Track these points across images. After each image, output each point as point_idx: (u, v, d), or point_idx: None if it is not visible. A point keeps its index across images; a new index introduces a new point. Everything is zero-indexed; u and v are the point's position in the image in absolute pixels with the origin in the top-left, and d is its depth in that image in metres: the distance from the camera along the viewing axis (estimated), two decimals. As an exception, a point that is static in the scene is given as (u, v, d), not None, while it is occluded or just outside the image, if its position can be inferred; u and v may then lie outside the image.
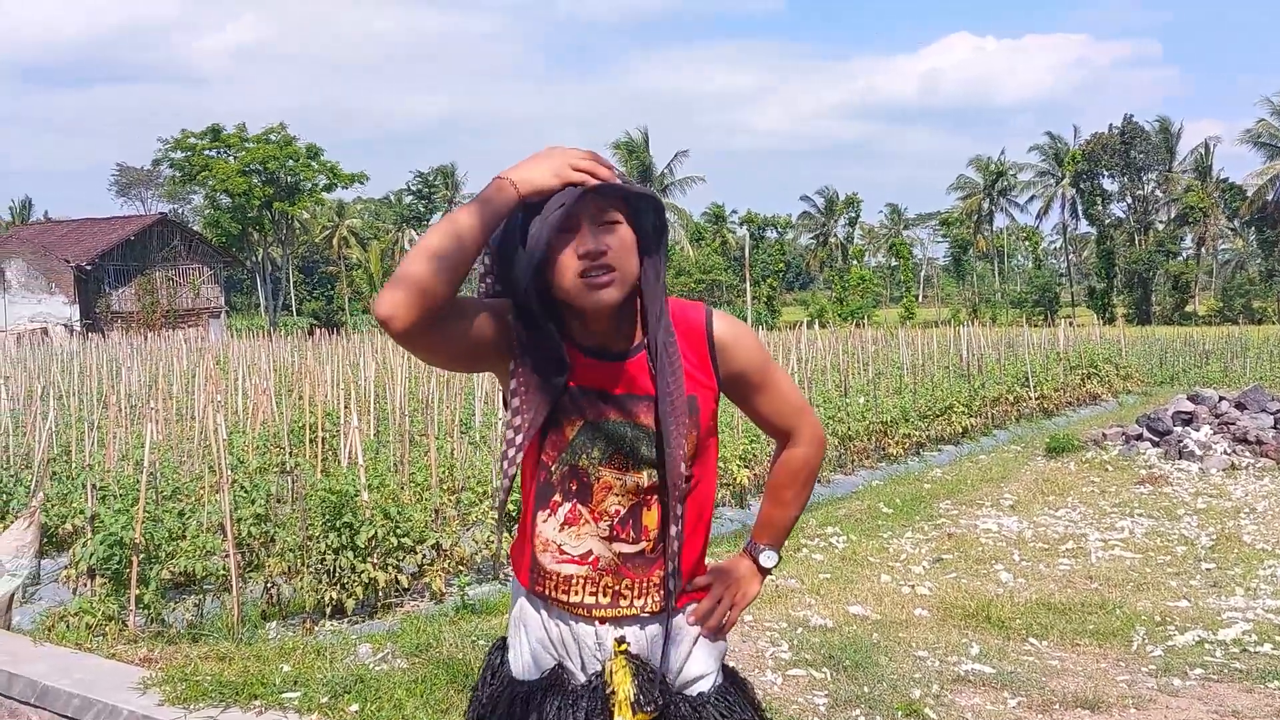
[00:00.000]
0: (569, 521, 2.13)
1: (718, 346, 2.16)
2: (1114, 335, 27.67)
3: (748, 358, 2.19)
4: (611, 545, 2.12)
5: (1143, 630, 5.97)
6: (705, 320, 2.16)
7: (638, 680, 2.12)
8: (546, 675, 2.20)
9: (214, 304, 54.45)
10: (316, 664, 5.20)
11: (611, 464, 2.11)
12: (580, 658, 2.18)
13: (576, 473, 2.12)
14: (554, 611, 2.18)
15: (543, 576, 2.16)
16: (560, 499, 2.13)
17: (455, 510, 7.65)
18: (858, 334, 23.50)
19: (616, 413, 2.10)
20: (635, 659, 2.15)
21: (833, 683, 5.08)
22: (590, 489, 2.12)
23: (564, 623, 2.17)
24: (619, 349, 2.11)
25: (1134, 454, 12.36)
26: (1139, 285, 68.43)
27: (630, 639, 2.15)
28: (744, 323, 2.26)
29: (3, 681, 4.97)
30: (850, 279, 72.99)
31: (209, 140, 58.66)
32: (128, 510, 6.31)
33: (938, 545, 8.25)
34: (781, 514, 2.36)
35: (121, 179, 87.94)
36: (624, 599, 2.14)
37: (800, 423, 2.31)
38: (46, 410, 9.96)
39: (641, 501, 2.12)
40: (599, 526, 2.12)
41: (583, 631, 2.16)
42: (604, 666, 2.15)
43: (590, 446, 2.10)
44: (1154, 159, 70.21)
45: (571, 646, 2.18)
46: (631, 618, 2.15)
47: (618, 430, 2.10)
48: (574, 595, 2.14)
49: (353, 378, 13.27)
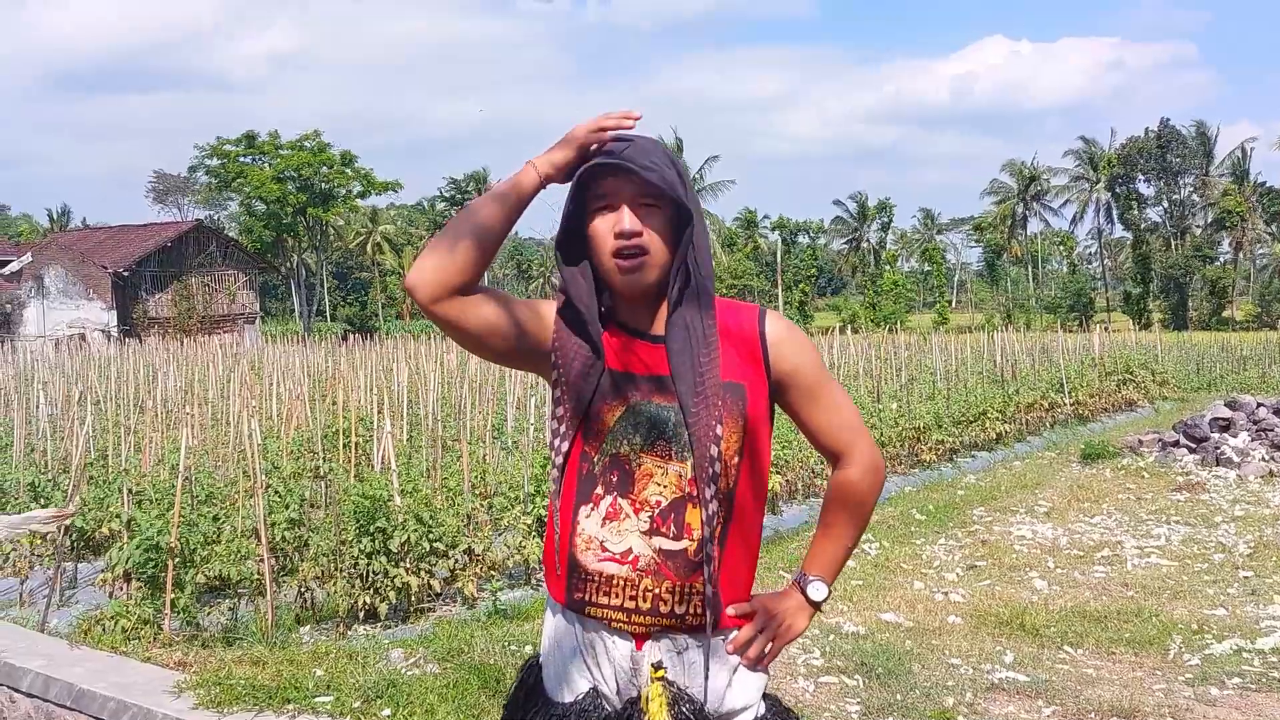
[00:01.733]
0: (610, 516, 2.05)
1: (769, 343, 2.09)
2: (1150, 341, 27.43)
3: (800, 359, 2.11)
4: (651, 540, 2.03)
5: (1179, 639, 5.90)
6: (758, 318, 2.12)
7: (674, 710, 2.05)
8: (581, 699, 2.12)
9: (249, 310, 54.86)
10: (349, 668, 5.22)
11: (654, 451, 2.05)
12: (615, 682, 2.10)
13: (618, 461, 2.06)
14: (589, 626, 2.10)
15: (583, 581, 2.06)
16: (602, 491, 2.06)
17: (487, 515, 7.67)
18: (890, 339, 23.40)
19: (659, 396, 2.05)
20: (672, 686, 2.07)
21: (865, 690, 5.05)
22: (631, 477, 2.05)
23: (600, 641, 2.09)
24: (658, 329, 2.08)
25: (1170, 461, 12.23)
26: (1175, 290, 67.76)
27: (667, 664, 2.08)
28: (799, 328, 2.19)
29: (40, 685, 5.02)
30: (883, 284, 72.75)
31: (244, 147, 59.17)
32: (164, 514, 6.36)
33: (971, 552, 8.19)
34: (831, 544, 2.21)
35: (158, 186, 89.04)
36: (664, 604, 2.03)
37: (854, 444, 2.16)
38: (84, 415, 10.06)
39: (685, 497, 2.04)
40: (639, 519, 2.04)
41: (619, 654, 2.08)
42: (640, 694, 2.07)
43: (632, 432, 2.06)
44: (1190, 162, 69.59)
45: (607, 669, 2.10)
46: (666, 630, 2.06)
47: (660, 414, 2.05)
48: (614, 597, 2.04)
49: (386, 383, 13.35)
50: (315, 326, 60.26)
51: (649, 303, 2.08)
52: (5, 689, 5.19)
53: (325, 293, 74.71)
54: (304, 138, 59.45)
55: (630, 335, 2.09)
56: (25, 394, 14.79)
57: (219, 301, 53.07)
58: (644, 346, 2.08)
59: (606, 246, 2.01)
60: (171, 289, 51.31)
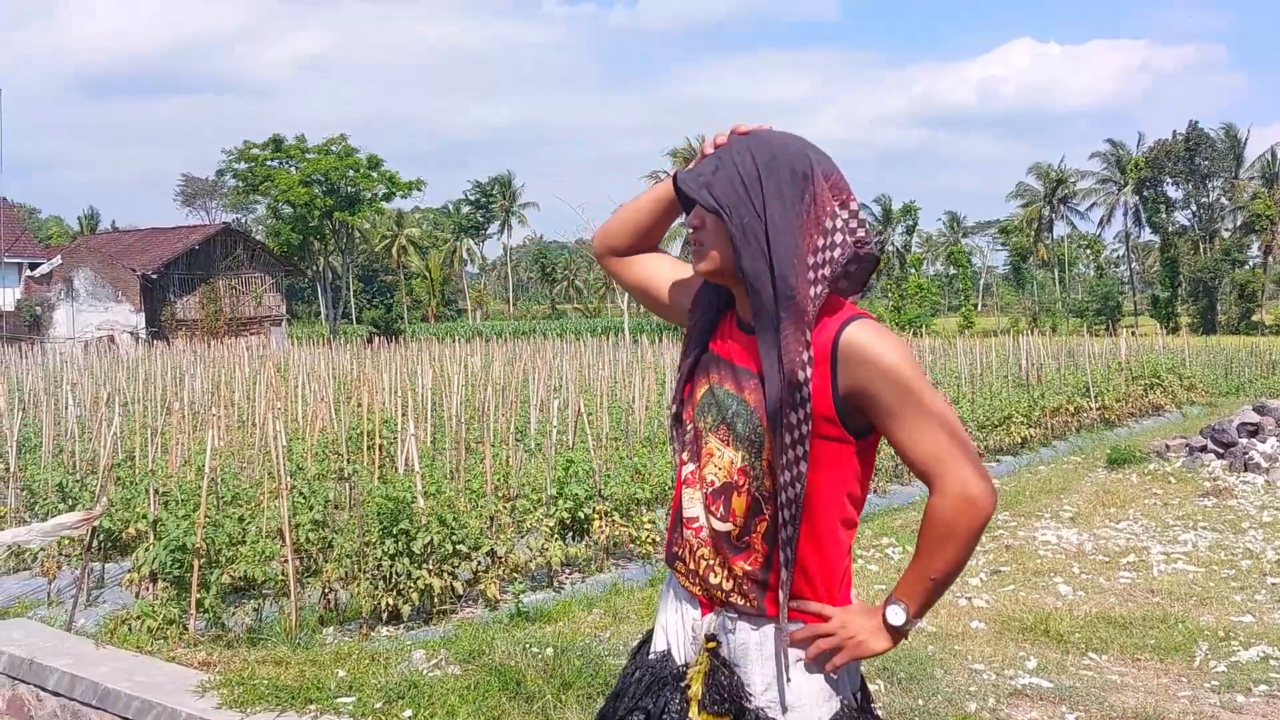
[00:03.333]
0: (688, 482, 2.23)
1: (840, 352, 2.02)
2: (1178, 345, 27.23)
3: (873, 371, 2.00)
4: (708, 515, 2.17)
5: (1205, 645, 5.86)
6: (839, 327, 2.03)
7: (709, 680, 2.15)
8: (656, 657, 2.29)
9: (275, 312, 55.13)
10: (371, 669, 5.24)
11: (717, 433, 2.16)
12: (681, 643, 2.25)
13: (698, 435, 2.21)
14: (676, 587, 2.28)
15: (679, 538, 2.24)
16: (688, 457, 2.25)
17: (510, 517, 7.69)
18: (915, 343, 23.31)
19: (731, 383, 2.15)
20: (718, 659, 2.15)
21: (887, 695, 5.03)
22: (700, 453, 2.20)
23: (680, 602, 2.26)
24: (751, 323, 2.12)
25: (1198, 466, 12.14)
26: (1204, 294, 67.20)
27: (721, 640, 2.17)
28: (893, 336, 2.07)
29: (66, 684, 5.07)
30: (908, 287, 72.47)
31: (271, 151, 59.47)
32: (189, 515, 6.40)
33: (995, 557, 8.16)
34: (917, 571, 2.11)
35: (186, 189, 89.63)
36: (714, 575, 2.16)
37: (942, 471, 2.03)
38: (112, 416, 10.14)
39: (733, 484, 2.11)
40: (700, 492, 2.19)
41: (689, 617, 2.23)
42: (689, 662, 2.22)
43: (707, 411, 2.19)
44: (1219, 165, 69.03)
45: (678, 632, 2.26)
46: (723, 605, 2.16)
47: (725, 399, 2.15)
48: (687, 561, 2.21)
49: (410, 386, 13.39)
50: (341, 329, 60.56)
51: (743, 295, 2.16)
52: (32, 687, 5.24)
53: (351, 295, 75.07)
54: (330, 142, 59.69)
55: (733, 322, 2.22)
56: (54, 395, 14.93)
57: (246, 304, 53.34)
58: (738, 334, 2.19)
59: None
60: (199, 291, 51.61)
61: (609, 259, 2.51)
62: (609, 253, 2.50)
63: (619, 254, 2.49)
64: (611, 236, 2.49)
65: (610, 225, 2.50)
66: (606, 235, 2.50)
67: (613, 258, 2.50)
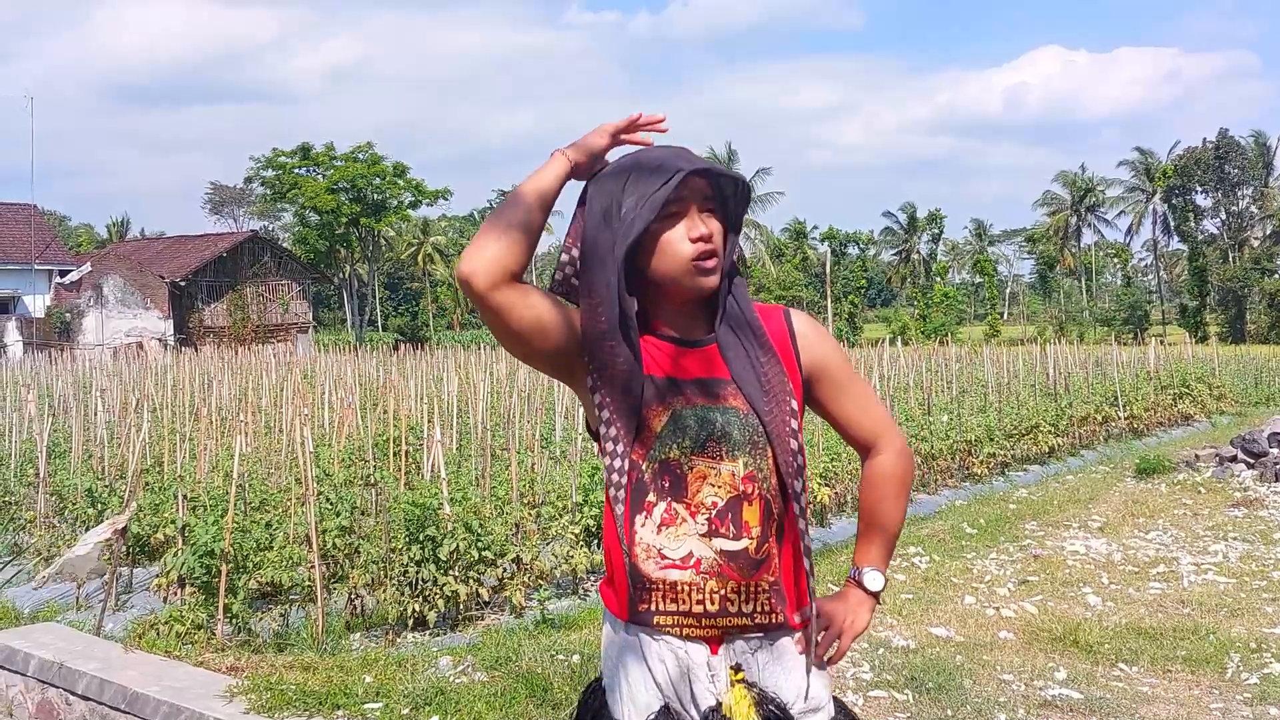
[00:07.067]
0: (665, 522, 2.03)
1: (798, 335, 2.15)
2: (1207, 354, 26.98)
3: (827, 349, 2.18)
4: (711, 542, 2.02)
5: (1237, 657, 5.79)
6: (785, 315, 2.18)
7: (762, 711, 2.04)
8: (654, 717, 2.08)
9: (302, 319, 55.44)
10: (398, 675, 5.25)
11: (704, 452, 2.04)
12: (691, 692, 2.06)
13: (668, 467, 2.04)
14: (658, 637, 2.07)
15: (647, 591, 2.04)
16: (654, 498, 2.04)
17: (535, 524, 7.68)
18: (941, 351, 23.20)
19: (703, 398, 2.06)
20: (754, 687, 2.06)
21: (915, 705, 5.00)
22: (683, 481, 2.04)
23: (672, 651, 2.06)
24: (698, 335, 2.10)
25: (1228, 476, 12.02)
26: (1233, 303, 66.61)
27: (743, 665, 2.07)
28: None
29: (95, 688, 5.10)
30: (934, 296, 72.18)
31: (299, 159, 59.91)
32: (217, 521, 6.43)
33: (1023, 567, 8.10)
34: (878, 533, 2.25)
35: (214, 197, 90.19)
36: (731, 603, 2.03)
37: (886, 432, 2.23)
38: (140, 422, 10.20)
39: (740, 495, 2.04)
40: (696, 522, 2.02)
41: (695, 661, 2.06)
42: (720, 703, 2.04)
43: (680, 435, 2.04)
44: (1249, 174, 68.46)
45: (681, 684, 2.06)
46: (739, 631, 2.06)
47: (706, 415, 2.05)
48: (681, 603, 2.03)
49: (436, 392, 13.42)
50: (367, 336, 60.73)
51: (693, 308, 2.10)
52: (61, 691, 5.27)
53: (377, 303, 75.33)
54: (357, 149, 60.07)
55: (668, 342, 2.09)
56: (84, 401, 15.04)
57: (273, 311, 53.68)
58: (685, 352, 2.08)
59: (683, 252, 2.02)
60: (227, 299, 51.99)
61: (507, 289, 1.95)
62: (505, 280, 1.94)
63: (519, 277, 1.97)
64: (514, 255, 1.95)
65: (503, 239, 1.95)
66: (504, 257, 1.94)
67: (511, 286, 1.96)
